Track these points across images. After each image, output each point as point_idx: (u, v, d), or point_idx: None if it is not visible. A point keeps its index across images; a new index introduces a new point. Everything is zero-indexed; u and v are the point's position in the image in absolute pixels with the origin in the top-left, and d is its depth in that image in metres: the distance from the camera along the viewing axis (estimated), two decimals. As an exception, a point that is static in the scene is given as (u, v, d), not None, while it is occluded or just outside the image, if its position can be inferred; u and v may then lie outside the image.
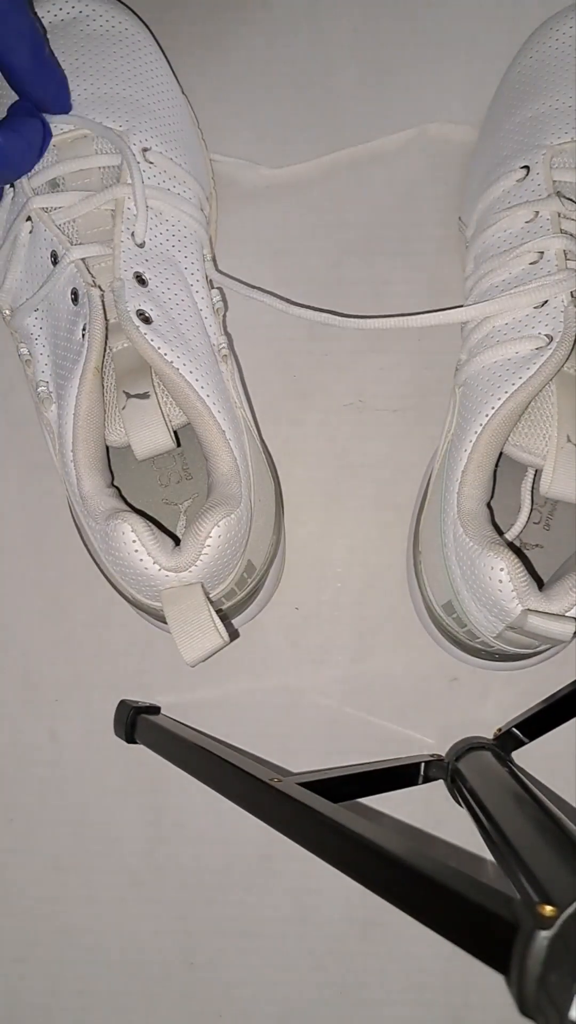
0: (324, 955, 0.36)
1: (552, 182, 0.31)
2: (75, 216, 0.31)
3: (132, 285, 0.30)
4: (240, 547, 0.30)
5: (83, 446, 0.29)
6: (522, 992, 0.16)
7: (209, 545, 0.27)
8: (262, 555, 0.33)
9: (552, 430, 0.30)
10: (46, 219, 0.31)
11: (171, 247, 0.32)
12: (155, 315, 0.30)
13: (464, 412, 0.30)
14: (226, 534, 0.28)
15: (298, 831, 0.24)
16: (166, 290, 0.31)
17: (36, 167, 0.32)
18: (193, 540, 0.27)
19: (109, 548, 0.28)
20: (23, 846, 0.37)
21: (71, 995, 0.37)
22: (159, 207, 0.32)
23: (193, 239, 0.33)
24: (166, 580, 0.28)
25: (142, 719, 0.34)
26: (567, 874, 0.20)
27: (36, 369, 0.31)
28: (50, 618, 0.38)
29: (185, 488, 0.34)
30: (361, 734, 0.37)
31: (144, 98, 0.34)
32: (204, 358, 0.31)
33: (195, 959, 0.37)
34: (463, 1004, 0.35)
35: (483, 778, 0.30)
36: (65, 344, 0.30)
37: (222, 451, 0.30)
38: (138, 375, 0.31)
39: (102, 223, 0.31)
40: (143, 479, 0.34)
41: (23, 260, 0.32)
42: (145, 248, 0.31)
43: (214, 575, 0.29)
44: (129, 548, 0.27)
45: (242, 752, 0.36)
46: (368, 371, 0.38)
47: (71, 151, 0.32)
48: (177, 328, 0.30)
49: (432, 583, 0.33)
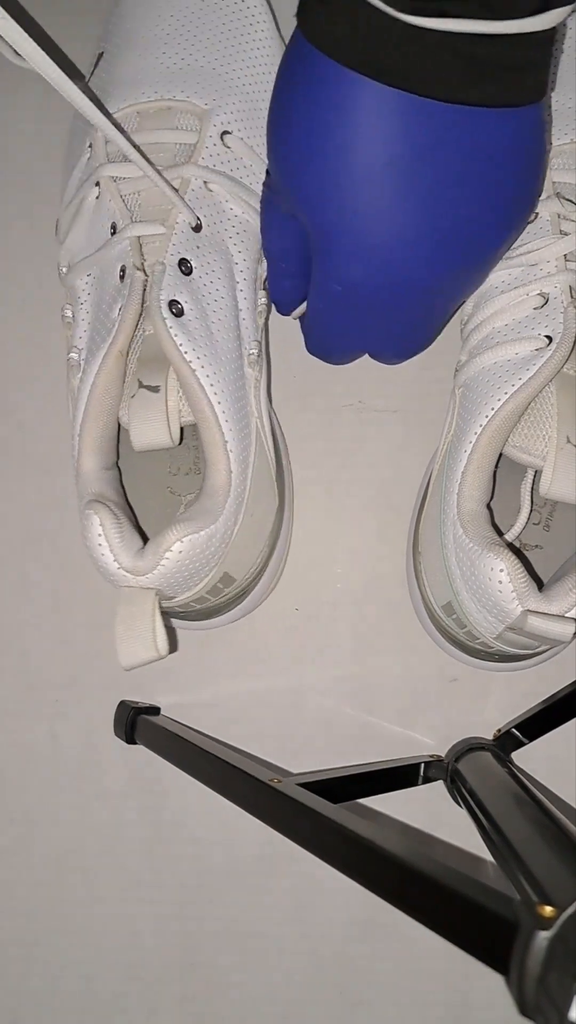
0: (324, 955, 0.36)
1: (552, 183, 0.31)
2: (140, 189, 0.30)
3: (174, 272, 0.29)
4: (209, 563, 0.29)
5: (91, 424, 0.29)
6: (522, 992, 0.16)
7: (168, 557, 0.27)
8: (245, 568, 0.33)
9: (552, 431, 0.30)
10: (112, 188, 0.30)
11: (227, 238, 0.31)
12: (188, 308, 0.29)
13: (464, 413, 0.30)
14: (189, 550, 0.27)
15: (298, 831, 0.24)
16: (208, 283, 0.30)
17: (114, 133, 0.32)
18: (154, 548, 0.27)
19: (82, 532, 0.28)
20: (23, 846, 0.37)
21: (71, 995, 0.37)
22: (224, 195, 0.31)
23: (252, 235, 0.32)
24: (124, 579, 0.27)
25: (142, 719, 0.34)
26: (567, 874, 0.20)
27: (74, 334, 0.31)
28: (50, 618, 0.38)
29: (192, 481, 0.34)
30: (361, 734, 0.37)
31: (240, 78, 0.33)
32: (228, 362, 0.30)
33: (195, 959, 0.37)
34: (463, 1004, 0.35)
35: (483, 779, 0.30)
36: (103, 318, 0.30)
37: (219, 462, 0.29)
38: (156, 366, 0.31)
39: (164, 201, 0.30)
40: (155, 463, 0.34)
41: (86, 223, 0.31)
42: (200, 234, 0.30)
43: (175, 585, 0.28)
44: (94, 540, 0.27)
45: (242, 752, 0.36)
46: (368, 371, 0.38)
47: (152, 121, 0.31)
48: (207, 326, 0.30)
49: (432, 584, 0.33)
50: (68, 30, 0.38)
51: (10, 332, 0.40)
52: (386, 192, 0.26)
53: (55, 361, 0.39)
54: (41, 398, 0.39)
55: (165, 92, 0.31)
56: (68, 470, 0.38)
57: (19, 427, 0.39)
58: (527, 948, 0.16)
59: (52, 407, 0.39)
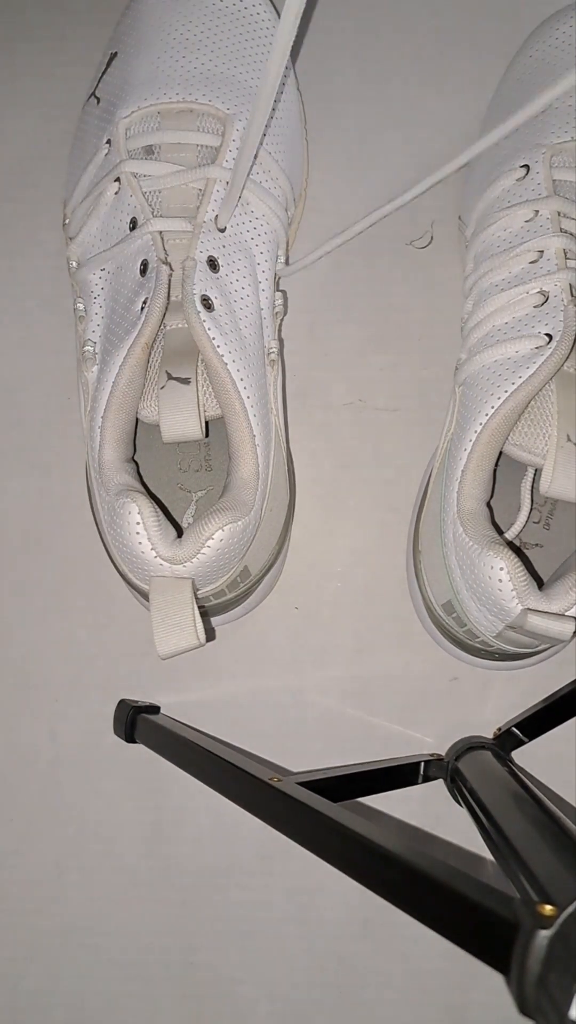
0: (324, 955, 0.36)
1: (552, 181, 0.31)
2: (162, 187, 0.31)
3: (204, 268, 0.30)
4: (239, 553, 0.30)
5: (114, 416, 0.30)
6: (522, 992, 0.16)
7: (209, 546, 0.27)
8: (260, 563, 0.33)
9: (552, 429, 0.29)
10: (134, 184, 0.31)
11: (250, 239, 0.32)
12: (218, 304, 0.29)
13: (464, 411, 0.30)
14: (228, 539, 0.28)
15: (298, 830, 0.24)
16: (235, 281, 0.31)
17: (137, 129, 0.32)
18: (195, 537, 0.27)
19: (113, 522, 0.28)
20: (23, 846, 0.37)
21: (71, 995, 0.37)
22: (247, 197, 0.32)
23: (272, 236, 0.33)
24: (160, 568, 0.27)
25: (142, 719, 0.34)
26: (567, 874, 0.20)
27: (87, 327, 0.31)
28: (50, 618, 0.38)
29: (202, 478, 0.34)
30: (361, 733, 0.37)
31: (256, 86, 0.34)
32: (254, 358, 0.31)
33: (195, 959, 0.37)
34: (463, 1004, 0.35)
35: (483, 777, 0.30)
36: (123, 312, 0.30)
37: (248, 455, 0.30)
38: (185, 359, 0.31)
39: (187, 200, 0.31)
40: (164, 460, 0.34)
41: (102, 218, 0.32)
42: (225, 234, 0.31)
43: (207, 575, 0.29)
44: (132, 528, 0.27)
45: (242, 752, 0.36)
46: (368, 371, 0.38)
47: (174, 122, 0.32)
48: (236, 322, 0.30)
49: (432, 583, 0.33)
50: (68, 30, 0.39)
51: (9, 330, 0.40)
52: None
53: (55, 359, 0.39)
54: (41, 396, 0.39)
55: (187, 95, 0.32)
56: (68, 469, 0.38)
57: (19, 426, 0.39)
58: (527, 947, 0.16)
59: (52, 406, 0.39)
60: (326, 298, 0.38)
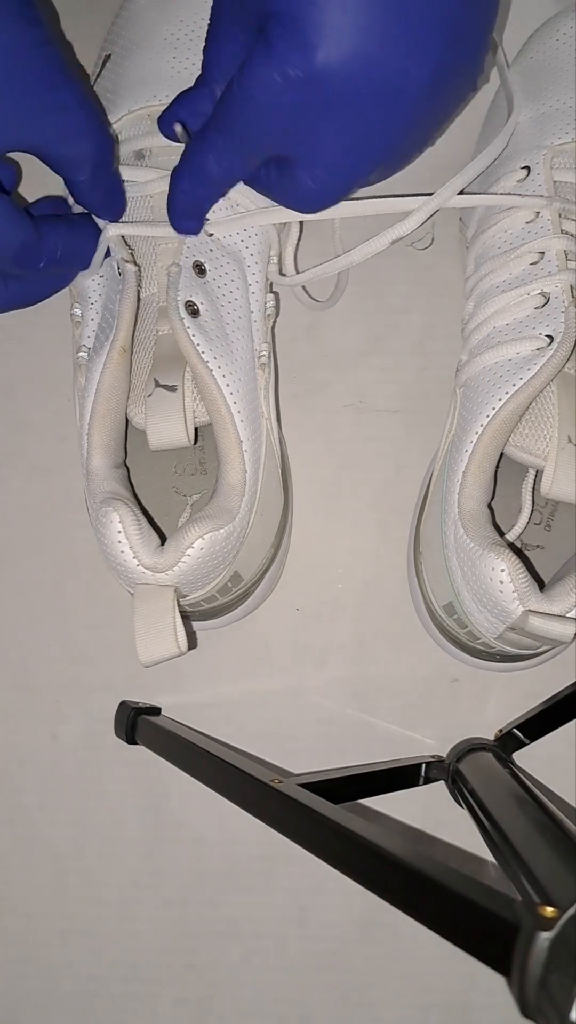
0: (324, 955, 0.36)
1: (553, 182, 0.31)
2: (152, 192, 0.31)
3: (189, 274, 0.30)
4: (225, 560, 0.29)
5: (99, 423, 0.29)
6: (523, 993, 0.16)
7: (189, 554, 0.27)
8: (253, 568, 0.33)
9: (553, 431, 0.29)
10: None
11: (239, 241, 0.32)
12: (204, 309, 0.29)
13: (465, 413, 0.30)
14: (210, 547, 0.28)
15: (299, 832, 0.24)
16: (222, 285, 0.31)
17: (127, 133, 0.32)
18: (176, 545, 0.27)
19: (97, 530, 0.28)
20: (23, 846, 0.37)
21: (71, 995, 0.37)
22: (236, 199, 0.32)
23: (262, 238, 0.33)
24: (143, 576, 0.27)
25: (143, 720, 0.34)
26: (568, 875, 0.20)
27: (82, 333, 0.31)
28: (50, 618, 0.38)
29: (197, 482, 0.34)
30: (362, 735, 0.37)
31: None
32: (242, 363, 0.30)
33: (195, 959, 0.37)
34: (464, 1005, 0.35)
35: (484, 779, 0.30)
36: (108, 316, 0.30)
37: (234, 461, 0.30)
38: (172, 365, 0.31)
39: None
40: (160, 464, 0.34)
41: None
42: (213, 237, 0.31)
43: (192, 582, 0.29)
44: (113, 537, 0.27)
45: (242, 753, 0.36)
46: (368, 371, 0.38)
47: None
48: (223, 327, 0.30)
49: (433, 584, 0.33)
50: (69, 31, 0.39)
51: (10, 333, 0.40)
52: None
53: (55, 361, 0.39)
54: (41, 398, 0.39)
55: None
56: (68, 470, 0.38)
57: (19, 427, 0.39)
58: (528, 949, 0.16)
59: (52, 407, 0.39)
60: (326, 299, 0.38)
